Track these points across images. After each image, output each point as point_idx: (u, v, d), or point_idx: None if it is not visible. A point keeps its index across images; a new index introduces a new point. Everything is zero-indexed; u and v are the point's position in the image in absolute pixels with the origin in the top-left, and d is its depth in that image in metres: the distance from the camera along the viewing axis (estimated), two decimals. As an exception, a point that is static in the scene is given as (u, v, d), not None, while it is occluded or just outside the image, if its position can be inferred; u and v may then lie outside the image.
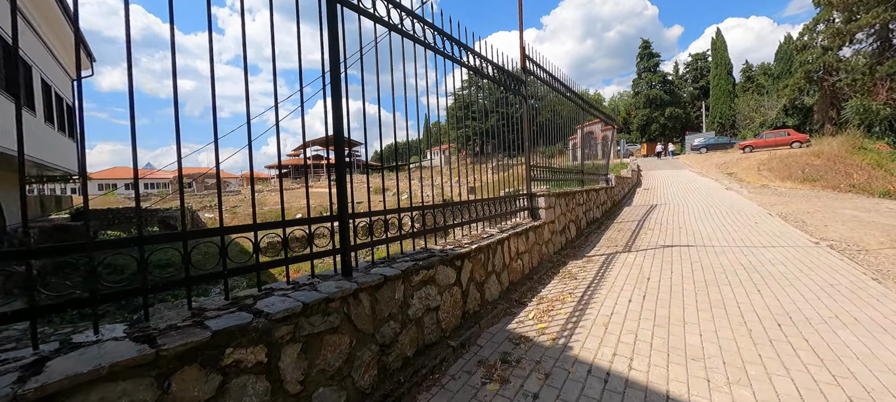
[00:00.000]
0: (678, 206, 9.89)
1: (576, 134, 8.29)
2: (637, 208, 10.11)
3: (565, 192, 5.43)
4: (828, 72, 27.34)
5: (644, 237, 6.20)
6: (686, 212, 8.86)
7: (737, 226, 6.88)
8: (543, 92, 5.33)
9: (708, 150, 31.33)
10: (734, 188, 13.11)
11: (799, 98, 30.10)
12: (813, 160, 17.22)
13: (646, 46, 47.39)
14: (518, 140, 4.62)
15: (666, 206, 10.04)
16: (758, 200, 10.21)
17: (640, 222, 7.70)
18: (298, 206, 26.17)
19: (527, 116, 4.59)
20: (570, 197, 5.68)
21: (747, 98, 40.93)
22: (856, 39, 24.27)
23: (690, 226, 7.12)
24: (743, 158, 21.92)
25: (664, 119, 44.33)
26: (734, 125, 40.75)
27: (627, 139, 44.47)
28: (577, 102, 7.19)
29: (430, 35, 2.98)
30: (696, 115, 47.12)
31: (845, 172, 15.76)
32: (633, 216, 8.62)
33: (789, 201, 10.06)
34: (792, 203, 9.25)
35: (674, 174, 19.44)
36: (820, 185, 12.94)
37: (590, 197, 7.02)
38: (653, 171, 21.78)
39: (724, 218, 7.79)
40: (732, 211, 8.56)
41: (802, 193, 11.36)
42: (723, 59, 42.92)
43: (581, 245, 5.74)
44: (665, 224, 7.43)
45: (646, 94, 45.72)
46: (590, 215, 6.96)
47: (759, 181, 14.76)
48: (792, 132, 24.72)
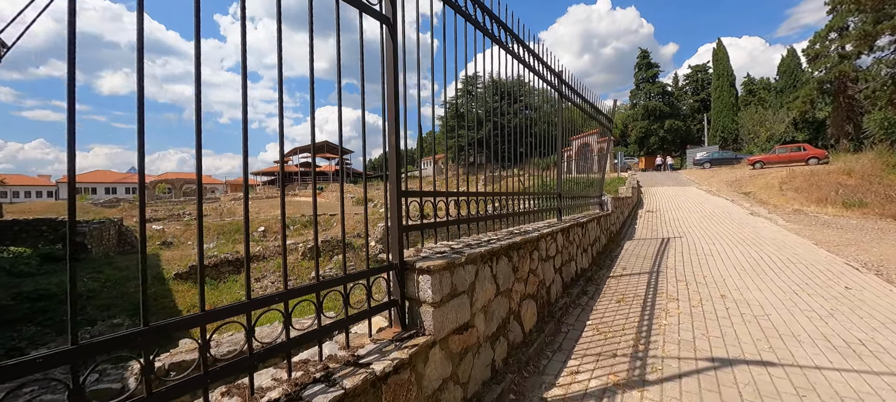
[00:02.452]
0: (700, 241, 7.19)
1: (570, 145, 5.76)
2: (642, 242, 7.38)
3: (509, 245, 2.66)
4: (844, 82, 25.11)
5: (665, 325, 3.42)
6: (717, 255, 6.13)
7: (814, 289, 4.16)
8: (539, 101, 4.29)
9: (712, 165, 28.85)
10: (762, 214, 10.45)
11: (810, 111, 27.82)
12: (844, 179, 14.64)
13: (644, 56, 45.35)
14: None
15: (682, 240, 7.34)
16: (807, 234, 7.53)
17: (651, 278, 4.93)
18: (263, 218, 23.38)
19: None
20: (523, 255, 2.90)
21: (751, 112, 38.82)
22: (877, 47, 22.02)
23: (736, 287, 4.39)
24: (756, 175, 19.37)
25: (663, 131, 42.03)
26: (737, 139, 38.50)
27: (625, 152, 42.08)
28: (572, 100, 4.57)
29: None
30: (696, 128, 44.92)
31: (886, 195, 13.21)
32: (638, 263, 5.86)
33: (846, 233, 7.38)
34: (861, 243, 6.57)
35: (680, 192, 16.82)
36: (867, 212, 10.30)
37: (571, 239, 4.28)
38: (655, 187, 19.17)
39: (782, 270, 5.06)
40: (785, 255, 5.86)
41: (856, 224, 8.71)
42: (725, 71, 40.91)
43: (534, 357, 2.86)
44: (693, 282, 4.69)
45: (644, 105, 43.49)
46: (570, 270, 4.25)
47: (787, 204, 12.13)
48: (808, 147, 22.25)
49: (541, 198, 4.14)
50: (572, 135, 5.52)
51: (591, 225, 5.53)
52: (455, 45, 2.38)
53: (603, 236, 6.36)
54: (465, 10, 2.42)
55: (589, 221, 5.40)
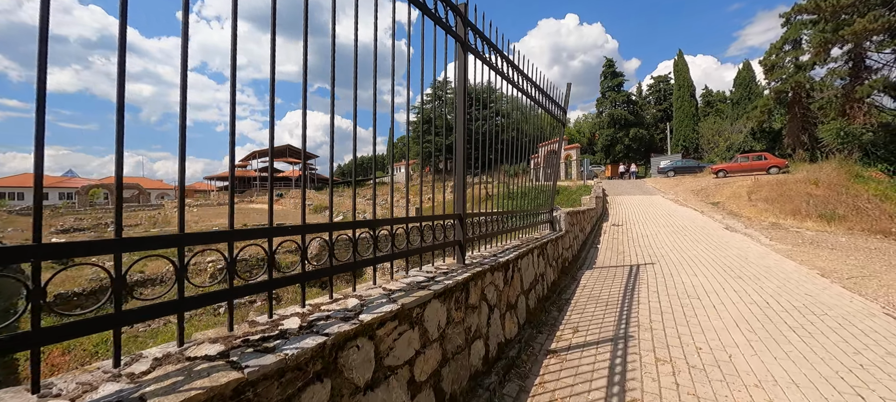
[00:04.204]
0: (678, 270, 5.50)
1: (537, 152, 3.98)
2: (605, 273, 5.60)
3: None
4: (799, 93, 25.40)
5: None
6: (706, 296, 4.39)
7: (888, 379, 2.42)
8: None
9: (676, 173, 28.51)
10: (738, 229, 9.09)
11: (767, 121, 28.09)
12: (812, 189, 13.87)
13: (610, 65, 45.50)
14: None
15: (657, 269, 5.62)
16: (802, 257, 6.04)
17: (617, 353, 3.04)
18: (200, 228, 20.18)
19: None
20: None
21: (710, 122, 39.52)
22: (831, 57, 22.22)
23: (756, 375, 2.57)
24: (722, 184, 18.64)
25: (628, 140, 42.05)
26: (698, 148, 39.02)
27: (592, 160, 41.68)
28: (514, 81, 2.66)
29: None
30: (660, 137, 45.45)
31: (855, 206, 12.44)
32: (597, 315, 3.98)
33: (846, 257, 5.95)
34: (879, 274, 5.09)
35: (646, 202, 15.60)
36: (851, 226, 9.18)
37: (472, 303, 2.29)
38: (621, 196, 17.96)
39: (807, 331, 3.33)
40: (795, 296, 4.20)
41: (846, 242, 7.42)
42: (686, 81, 41.60)
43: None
44: (683, 363, 2.84)
45: (610, 113, 43.44)
46: (464, 364, 2.32)
47: (761, 217, 10.96)
48: (769, 156, 22.01)
49: (425, 229, 2.17)
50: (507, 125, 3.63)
51: (529, 262, 3.62)
52: None
53: (551, 269, 4.49)
54: None
55: (525, 254, 3.49)
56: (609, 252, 6.91)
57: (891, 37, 18.81)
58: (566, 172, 33.73)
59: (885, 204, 12.95)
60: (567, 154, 34.21)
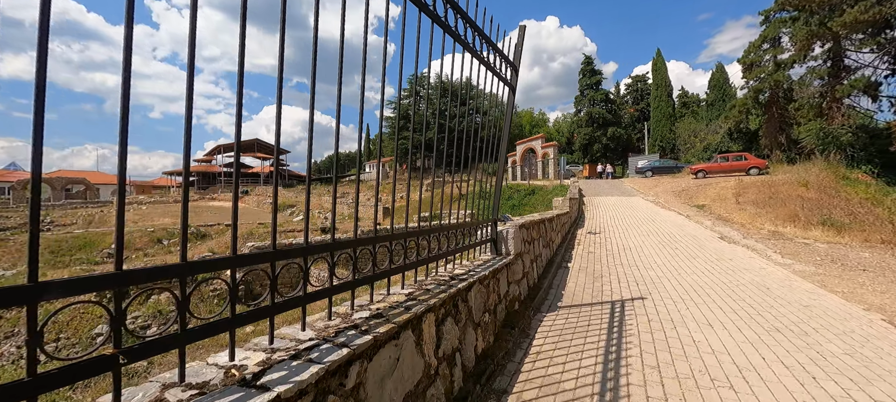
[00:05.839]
0: (679, 307, 3.71)
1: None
2: (574, 326, 3.71)
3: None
4: (777, 93, 24.76)
5: None
6: (743, 377, 2.56)
7: None
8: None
9: (654, 173, 27.55)
10: (736, 240, 7.51)
11: (744, 121, 27.48)
12: (802, 192, 12.68)
13: (588, 62, 44.49)
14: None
15: (650, 305, 3.82)
16: (828, 282, 4.38)
17: None
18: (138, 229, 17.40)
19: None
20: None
21: (686, 122, 39.15)
22: (811, 56, 21.54)
23: None
24: (703, 185, 17.47)
25: (606, 139, 41.14)
26: (675, 148, 38.56)
27: (570, 159, 40.53)
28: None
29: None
30: (637, 136, 44.93)
31: (851, 211, 11.27)
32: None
33: (885, 281, 4.34)
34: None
35: (626, 204, 14.08)
36: (868, 237, 7.74)
37: None
38: (598, 197, 16.44)
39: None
40: (864, 358, 2.46)
41: (870, 258, 5.89)
42: (664, 81, 41.10)
43: None
44: None
45: (588, 112, 42.41)
46: None
47: (755, 223, 9.49)
48: (749, 157, 21.13)
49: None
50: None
51: (407, 351, 1.67)
52: None
53: (479, 331, 2.57)
54: None
55: (427, 309, 1.54)
56: (582, 276, 5.08)
57: (873, 34, 18.14)
58: (543, 171, 32.31)
59: (876, 209, 11.90)
60: (544, 152, 32.77)
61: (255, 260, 1.37)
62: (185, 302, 1.05)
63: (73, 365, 0.84)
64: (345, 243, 1.66)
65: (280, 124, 1.31)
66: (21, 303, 0.77)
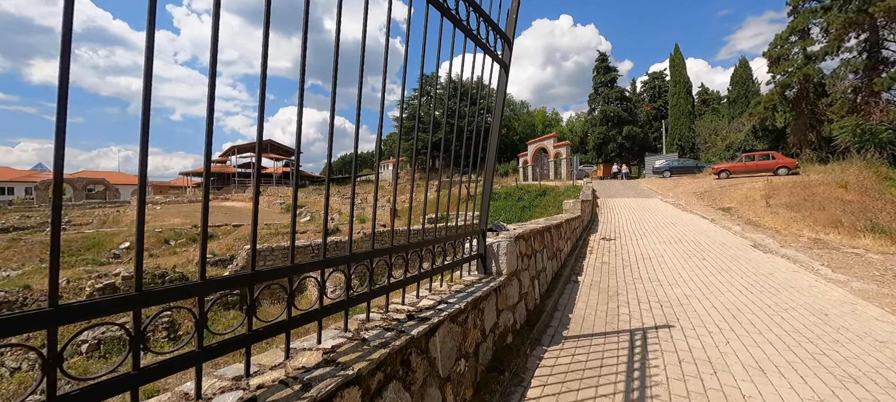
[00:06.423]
0: (719, 342, 2.96)
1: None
2: (582, 371, 3.01)
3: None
4: (806, 88, 23.20)
5: None
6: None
7: None
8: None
9: (672, 173, 26.23)
10: (772, 248, 6.62)
11: (770, 118, 25.90)
12: (842, 194, 11.52)
13: (603, 59, 43.12)
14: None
15: (678, 339, 3.08)
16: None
17: None
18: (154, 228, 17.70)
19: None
20: None
21: (706, 120, 37.48)
22: (845, 47, 20.04)
23: None
24: (727, 186, 16.33)
25: (621, 138, 39.69)
26: (694, 147, 36.95)
27: (583, 159, 39.28)
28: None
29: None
30: (654, 135, 43.35)
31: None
32: None
33: None
34: None
35: (643, 206, 13.14)
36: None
37: None
38: (613, 199, 15.51)
39: None
40: None
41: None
42: (682, 77, 39.45)
43: None
44: None
45: (603, 110, 41.01)
46: None
47: (791, 229, 8.52)
48: (778, 156, 19.72)
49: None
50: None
51: None
52: None
53: (469, 364, 1.91)
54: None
55: (344, 382, 0.90)
56: (594, 293, 4.34)
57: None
58: (555, 171, 31.30)
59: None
60: (557, 152, 31.73)
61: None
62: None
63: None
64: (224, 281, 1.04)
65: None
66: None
